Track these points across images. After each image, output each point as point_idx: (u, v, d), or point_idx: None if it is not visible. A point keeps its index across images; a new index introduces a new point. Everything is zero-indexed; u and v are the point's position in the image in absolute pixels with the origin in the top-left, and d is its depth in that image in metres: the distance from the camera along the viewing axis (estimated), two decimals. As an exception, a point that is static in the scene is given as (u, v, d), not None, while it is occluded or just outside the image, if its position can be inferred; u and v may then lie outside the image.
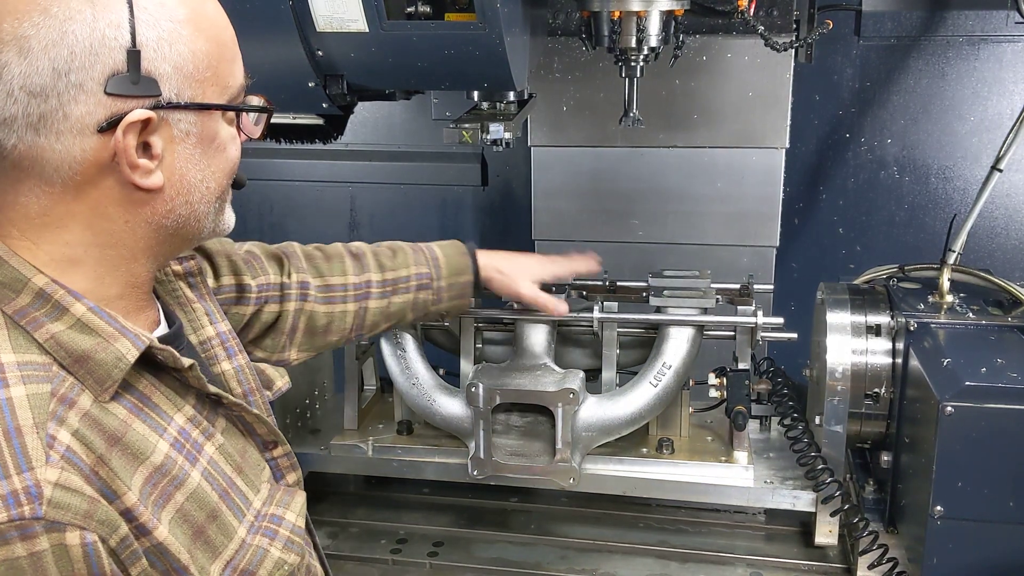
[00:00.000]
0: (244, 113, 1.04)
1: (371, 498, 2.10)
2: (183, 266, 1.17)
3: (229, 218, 1.07)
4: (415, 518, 2.02)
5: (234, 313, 1.43)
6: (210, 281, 1.34)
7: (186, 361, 0.99)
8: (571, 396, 1.76)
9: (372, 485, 2.13)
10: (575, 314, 1.88)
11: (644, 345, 1.93)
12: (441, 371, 1.97)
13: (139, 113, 0.90)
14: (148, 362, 0.97)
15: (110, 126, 0.90)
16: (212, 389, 1.04)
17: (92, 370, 0.91)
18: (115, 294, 0.99)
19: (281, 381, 1.24)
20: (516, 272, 1.79)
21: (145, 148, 0.93)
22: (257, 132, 1.06)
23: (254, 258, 1.49)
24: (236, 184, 1.10)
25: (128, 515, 0.88)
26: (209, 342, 1.15)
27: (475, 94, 2.02)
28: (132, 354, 0.94)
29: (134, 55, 0.89)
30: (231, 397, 1.07)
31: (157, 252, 1.01)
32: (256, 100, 1.07)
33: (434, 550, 1.90)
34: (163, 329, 1.07)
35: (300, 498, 1.14)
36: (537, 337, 1.89)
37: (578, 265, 1.88)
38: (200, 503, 0.97)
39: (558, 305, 1.78)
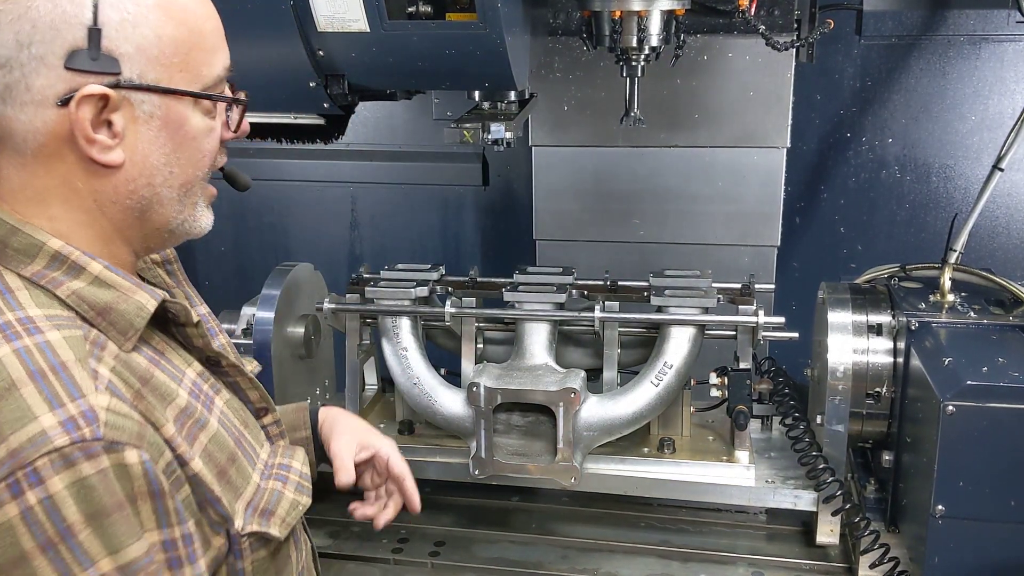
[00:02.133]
0: (229, 109, 1.06)
1: (372, 498, 2.10)
2: (160, 255, 1.20)
3: (204, 219, 1.08)
4: (416, 518, 2.01)
5: None
6: None
7: (195, 316, 1.06)
8: (572, 396, 1.76)
9: (373, 485, 2.13)
10: (576, 313, 1.88)
11: (645, 344, 1.93)
12: (442, 371, 1.97)
13: (93, 88, 0.93)
14: (158, 321, 1.03)
15: (69, 100, 0.93)
16: (215, 348, 1.10)
17: (114, 321, 0.97)
18: None
19: (252, 365, 1.27)
20: (338, 427, 1.47)
21: (109, 125, 0.96)
22: (233, 128, 1.07)
23: None
24: (237, 185, 1.12)
25: (169, 444, 0.94)
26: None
27: (476, 94, 2.02)
28: (151, 304, 1.00)
29: (95, 32, 0.93)
30: (230, 358, 1.13)
31: (129, 236, 1.04)
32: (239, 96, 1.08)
33: (435, 550, 1.90)
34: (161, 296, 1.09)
35: (301, 452, 1.22)
36: (538, 337, 1.89)
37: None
38: (220, 446, 1.04)
39: (344, 476, 1.39)
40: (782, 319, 1.82)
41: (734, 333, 1.86)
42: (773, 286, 2.06)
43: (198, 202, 1.07)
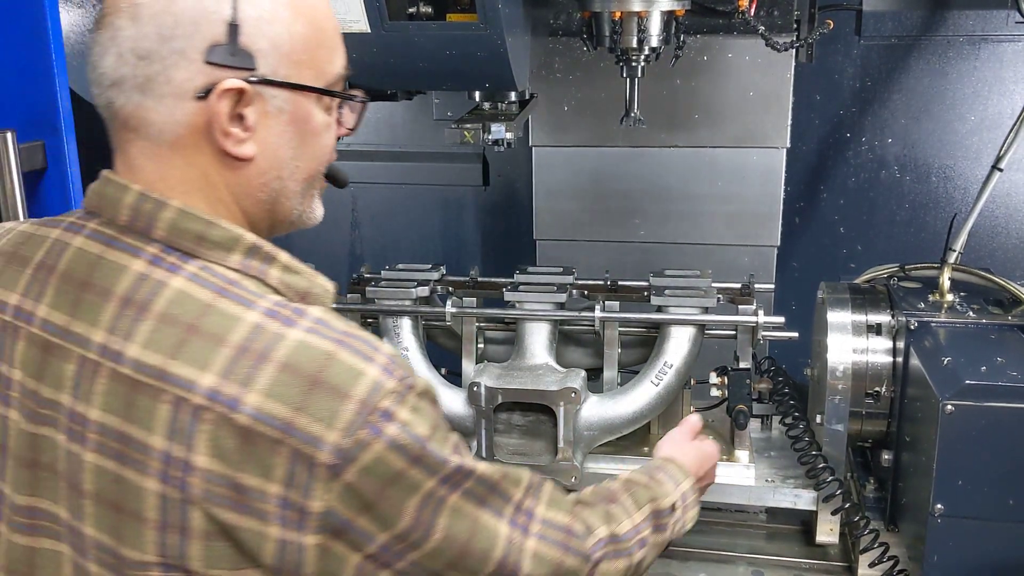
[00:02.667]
0: (343, 105, 1.09)
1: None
2: None
3: (318, 210, 1.13)
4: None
5: None
6: None
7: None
8: (573, 395, 1.76)
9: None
10: (576, 312, 1.88)
11: (645, 344, 1.93)
12: (443, 371, 1.97)
13: (232, 82, 0.96)
14: None
15: (208, 93, 0.96)
16: None
17: (312, 303, 1.02)
18: None
19: None
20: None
21: (241, 119, 0.99)
22: (350, 124, 1.12)
23: None
24: (338, 182, 1.16)
25: None
26: None
27: (476, 94, 2.02)
28: (331, 286, 1.07)
29: (233, 28, 0.96)
30: None
31: (260, 227, 1.07)
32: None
33: (436, 549, 1.90)
34: None
35: None
36: (539, 336, 1.90)
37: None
38: None
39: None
40: (782, 319, 1.83)
41: (734, 333, 1.86)
42: (773, 286, 2.06)
43: (315, 194, 1.11)
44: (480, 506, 1.03)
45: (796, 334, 1.86)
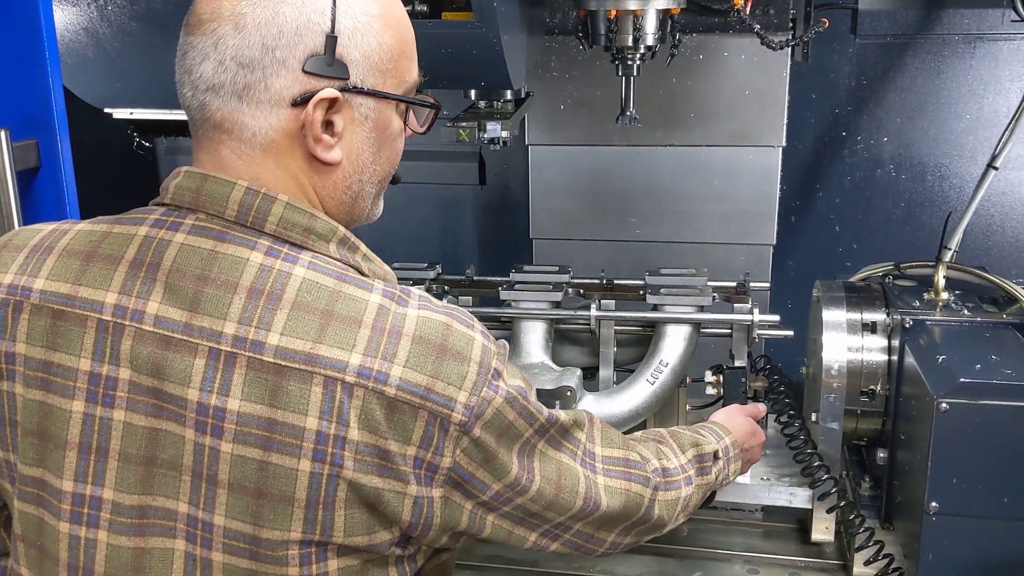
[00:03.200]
0: (412, 110, 1.15)
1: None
2: None
3: (380, 207, 1.19)
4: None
5: None
6: None
7: None
8: (568, 394, 1.76)
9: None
10: (572, 311, 1.88)
11: (641, 343, 1.93)
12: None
13: (329, 92, 1.02)
14: None
15: (303, 101, 1.01)
16: None
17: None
18: None
19: None
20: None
21: (330, 126, 1.05)
22: (423, 129, 1.18)
23: None
24: (395, 180, 1.20)
25: None
26: None
27: (472, 93, 2.02)
28: (393, 275, 1.15)
29: (332, 40, 1.01)
30: None
31: (339, 223, 1.12)
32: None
33: (432, 548, 1.91)
34: None
35: None
36: (534, 335, 1.89)
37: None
38: None
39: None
40: (777, 317, 1.83)
41: (729, 331, 1.86)
42: (768, 284, 2.07)
43: (383, 194, 1.18)
44: (559, 450, 1.15)
45: (791, 332, 1.86)
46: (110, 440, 1.02)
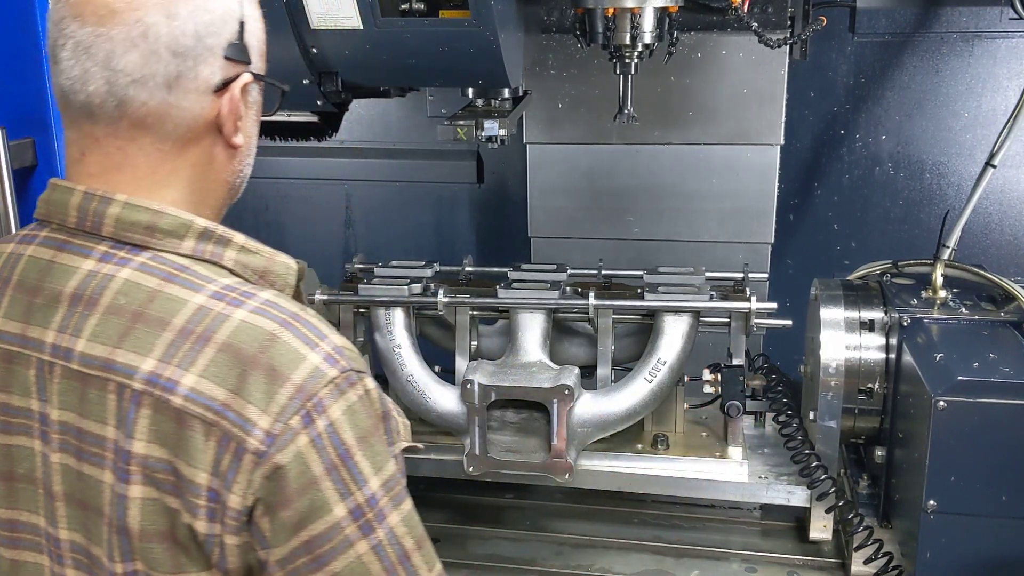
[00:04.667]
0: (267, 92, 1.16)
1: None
2: None
3: None
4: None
5: None
6: None
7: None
8: (566, 392, 1.76)
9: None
10: (570, 301, 1.88)
11: (639, 340, 1.93)
12: (436, 368, 1.97)
13: (248, 76, 1.04)
14: None
15: (224, 86, 1.02)
16: None
17: (273, 281, 1.05)
18: None
19: None
20: None
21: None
22: (272, 110, 1.17)
23: None
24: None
25: None
26: None
27: (470, 91, 2.01)
28: (294, 264, 1.08)
29: (243, 25, 1.04)
30: None
31: (220, 212, 1.12)
32: None
33: (430, 546, 1.90)
34: None
35: None
36: (532, 333, 1.89)
37: None
38: None
39: None
40: (774, 305, 1.82)
41: (727, 320, 1.86)
42: (767, 275, 2.06)
43: None
44: (386, 573, 0.94)
45: (789, 321, 1.85)
46: None
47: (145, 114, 0.98)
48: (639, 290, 1.92)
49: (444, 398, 1.87)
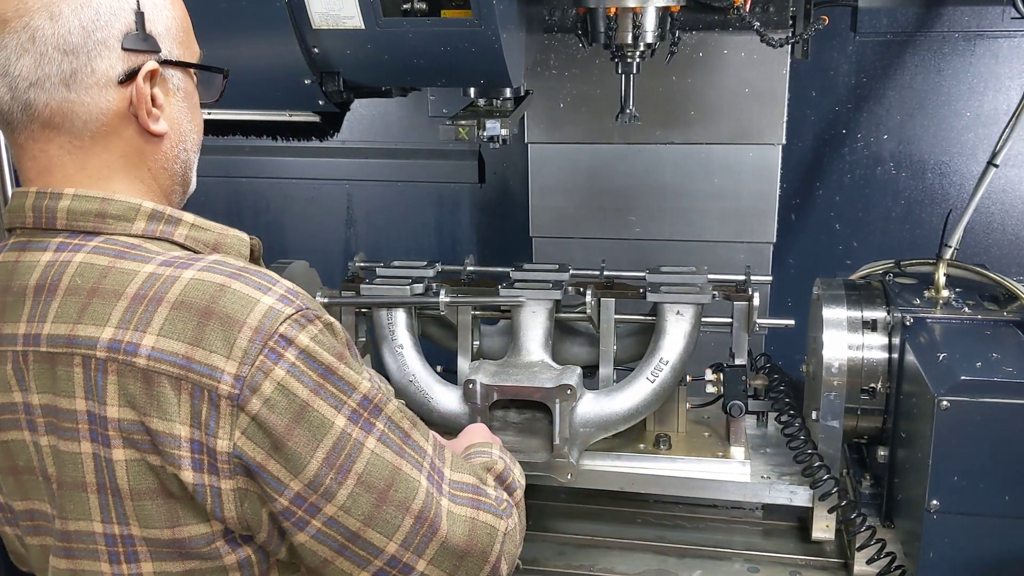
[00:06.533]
0: (203, 79, 1.18)
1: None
2: None
3: (194, 178, 1.20)
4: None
5: None
6: None
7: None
8: (568, 392, 1.76)
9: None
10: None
11: (641, 340, 1.93)
12: (439, 368, 1.97)
13: (152, 64, 1.05)
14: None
15: (128, 78, 1.04)
16: None
17: (226, 253, 1.09)
18: None
19: None
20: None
21: (152, 99, 1.07)
22: (215, 97, 1.18)
23: None
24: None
25: None
26: None
27: (471, 91, 2.01)
28: (246, 238, 1.13)
29: (140, 16, 1.05)
30: None
31: (173, 200, 1.15)
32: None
33: (432, 546, 1.90)
34: None
35: None
36: (534, 333, 1.89)
37: None
38: None
39: None
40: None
41: (730, 320, 1.85)
42: (770, 277, 2.06)
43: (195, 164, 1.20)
44: (398, 455, 1.03)
45: (792, 321, 1.85)
46: None
47: (50, 115, 1.03)
48: (641, 290, 1.91)
49: (446, 398, 1.87)
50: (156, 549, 0.99)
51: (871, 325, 1.78)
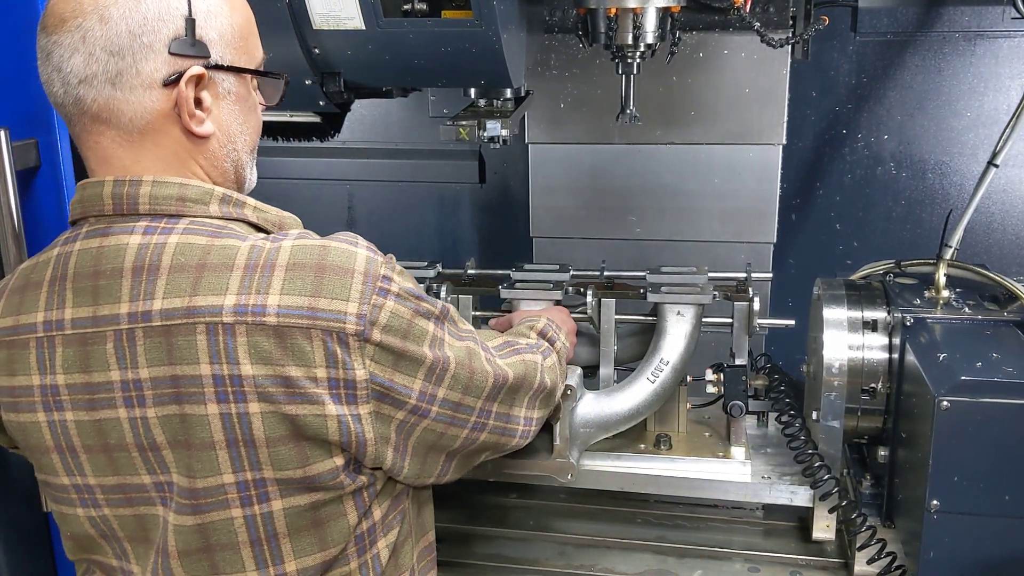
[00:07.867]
0: (261, 85, 1.25)
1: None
2: None
3: (255, 176, 1.29)
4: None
5: None
6: None
7: None
8: (569, 392, 1.76)
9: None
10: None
11: (642, 340, 1.93)
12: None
13: (196, 69, 1.11)
14: None
15: (173, 80, 1.10)
16: None
17: (290, 229, 1.19)
18: None
19: None
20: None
21: (198, 102, 1.14)
22: (275, 100, 1.27)
23: None
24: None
25: None
26: None
27: (472, 91, 2.02)
28: (298, 221, 1.24)
29: (191, 22, 1.11)
30: None
31: (235, 190, 1.22)
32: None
33: (433, 546, 1.91)
34: None
35: None
36: (535, 334, 1.89)
37: None
38: None
39: None
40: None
41: (731, 320, 1.86)
42: (770, 275, 2.06)
43: (255, 162, 1.28)
44: (459, 338, 1.23)
45: (792, 321, 1.85)
46: (72, 439, 1.14)
47: (98, 110, 1.10)
48: (641, 290, 1.92)
49: (447, 398, 1.87)
50: (287, 487, 1.10)
51: (871, 325, 1.78)
